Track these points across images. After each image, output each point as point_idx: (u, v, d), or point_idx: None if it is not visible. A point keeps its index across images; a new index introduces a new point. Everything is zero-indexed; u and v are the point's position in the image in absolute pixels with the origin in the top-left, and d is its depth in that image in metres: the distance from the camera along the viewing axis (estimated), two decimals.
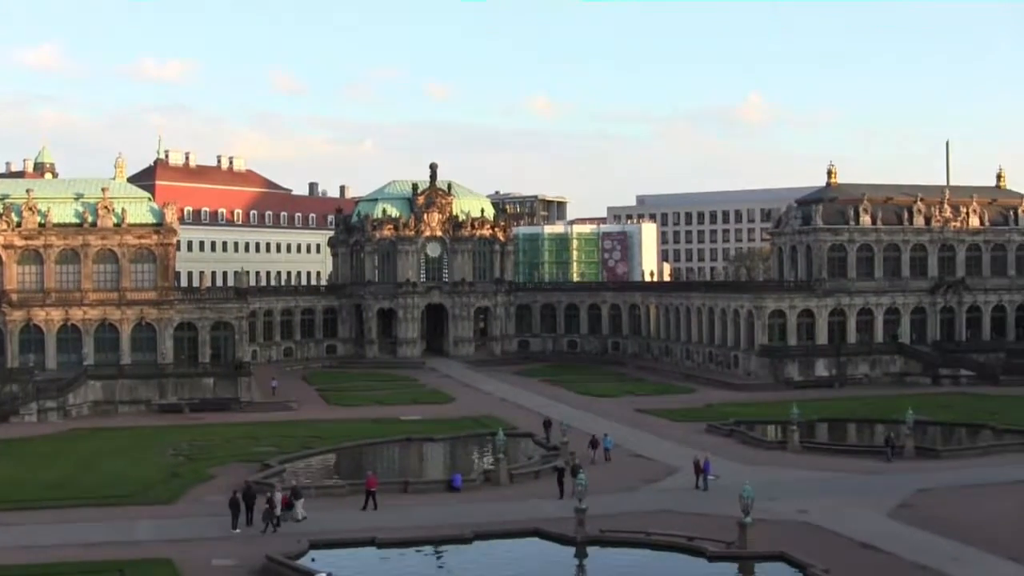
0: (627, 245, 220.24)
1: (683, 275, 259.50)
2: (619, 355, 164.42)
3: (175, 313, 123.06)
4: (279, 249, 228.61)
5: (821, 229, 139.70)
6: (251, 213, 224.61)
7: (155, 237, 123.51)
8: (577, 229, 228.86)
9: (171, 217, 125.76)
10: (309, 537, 58.27)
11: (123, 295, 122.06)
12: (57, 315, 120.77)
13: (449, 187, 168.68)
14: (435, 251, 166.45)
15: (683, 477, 75.00)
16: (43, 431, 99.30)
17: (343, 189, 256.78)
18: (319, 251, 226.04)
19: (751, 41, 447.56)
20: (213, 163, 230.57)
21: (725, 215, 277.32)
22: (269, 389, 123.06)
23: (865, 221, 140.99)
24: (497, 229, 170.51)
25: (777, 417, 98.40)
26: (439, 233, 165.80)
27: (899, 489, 70.94)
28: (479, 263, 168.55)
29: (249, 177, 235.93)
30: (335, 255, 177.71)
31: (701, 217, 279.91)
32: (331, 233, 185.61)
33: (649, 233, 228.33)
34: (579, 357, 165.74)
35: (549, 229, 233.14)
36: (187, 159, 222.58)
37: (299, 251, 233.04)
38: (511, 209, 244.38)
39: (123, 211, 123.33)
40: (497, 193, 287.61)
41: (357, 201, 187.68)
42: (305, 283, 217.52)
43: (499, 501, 68.97)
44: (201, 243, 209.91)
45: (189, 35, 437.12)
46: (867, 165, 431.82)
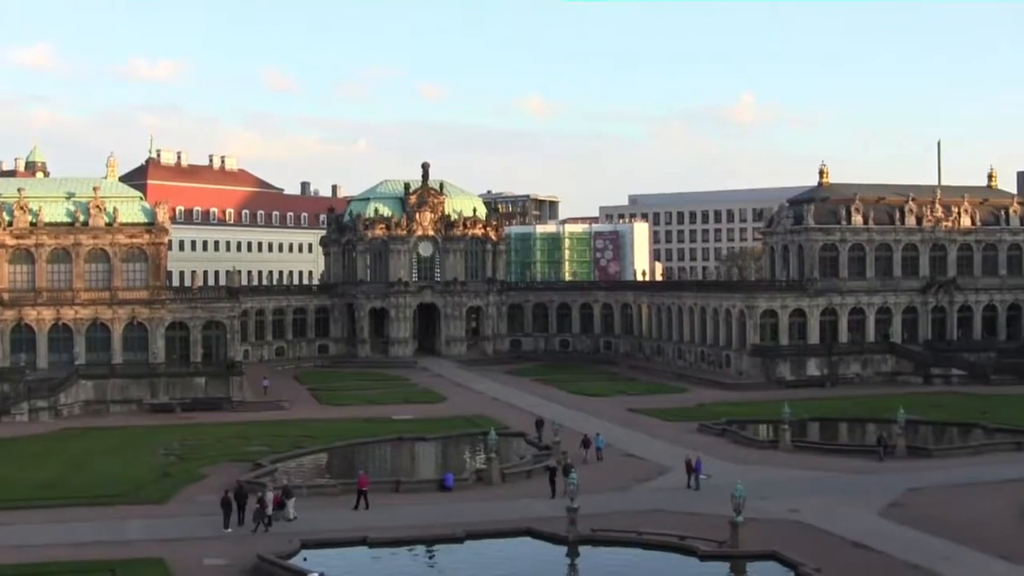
0: (619, 244, 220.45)
1: (675, 274, 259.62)
2: (611, 354, 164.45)
3: (167, 312, 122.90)
4: (271, 248, 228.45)
5: (813, 229, 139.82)
6: (243, 212, 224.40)
7: (147, 236, 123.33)
8: (569, 228, 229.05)
9: (163, 216, 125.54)
10: (301, 537, 58.21)
11: (115, 294, 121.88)
12: (48, 314, 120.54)
13: (441, 186, 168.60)
14: (427, 250, 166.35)
15: (675, 476, 75.08)
16: (34, 431, 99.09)
17: (335, 188, 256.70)
18: (311, 250, 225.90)
19: (744, 41, 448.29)
20: (205, 162, 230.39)
21: (717, 215, 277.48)
22: (261, 388, 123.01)
23: (857, 221, 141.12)
24: (489, 228, 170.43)
25: (769, 416, 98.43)
26: (431, 232, 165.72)
27: (890, 488, 71.03)
28: (471, 262, 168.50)
29: (241, 176, 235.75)
30: (327, 254, 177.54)
31: (693, 217, 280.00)
32: (323, 232, 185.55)
33: (641, 233, 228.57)
34: (571, 356, 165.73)
35: (541, 228, 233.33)
36: (179, 158, 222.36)
37: (291, 250, 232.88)
38: (503, 208, 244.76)
39: (115, 210, 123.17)
40: (489, 192, 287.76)
41: (349, 200, 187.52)
42: (297, 282, 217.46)
43: (491, 500, 68.95)
44: (193, 242, 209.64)
45: (182, 34, 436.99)
46: (859, 165, 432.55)
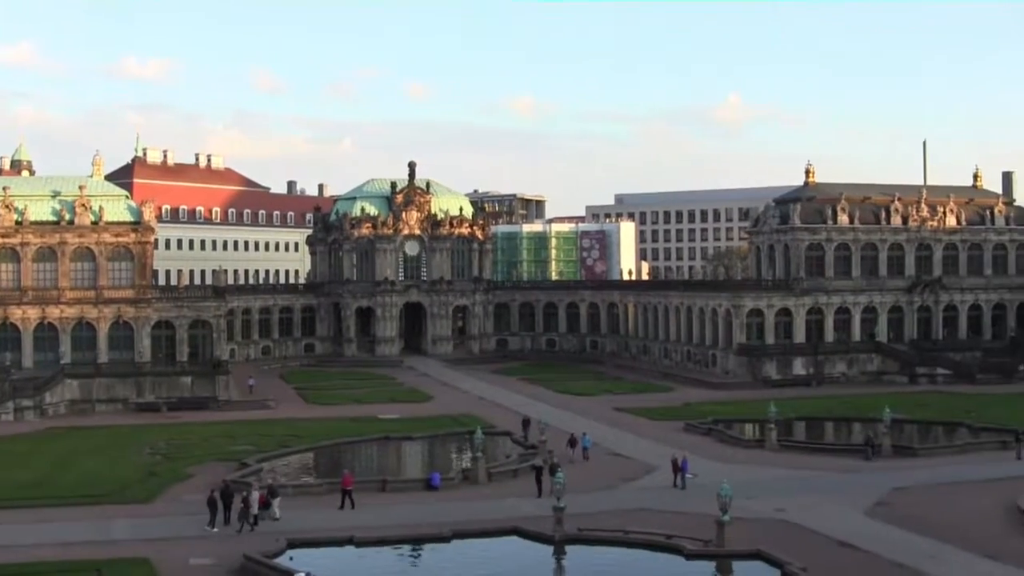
0: (605, 244, 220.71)
1: (661, 274, 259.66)
2: (597, 354, 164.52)
3: (153, 311, 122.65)
4: (257, 247, 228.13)
5: (799, 228, 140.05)
6: (229, 211, 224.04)
7: (133, 235, 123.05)
8: (556, 228, 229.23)
9: (149, 215, 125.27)
10: (287, 536, 58.14)
11: (100, 293, 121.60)
12: (34, 313, 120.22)
13: (428, 186, 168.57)
14: (413, 250, 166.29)
15: (661, 476, 75.14)
16: (19, 430, 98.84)
17: (322, 188, 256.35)
18: (297, 249, 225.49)
19: (730, 42, 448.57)
20: (191, 161, 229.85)
21: (703, 214, 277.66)
22: (247, 388, 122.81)
23: (843, 220, 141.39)
24: (476, 228, 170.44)
25: (755, 415, 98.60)
26: (417, 232, 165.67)
27: (876, 487, 71.18)
28: (457, 262, 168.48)
29: (227, 175, 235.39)
30: (313, 253, 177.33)
31: (679, 216, 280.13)
32: (309, 231, 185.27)
33: (627, 232, 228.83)
34: (557, 356, 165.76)
35: (528, 228, 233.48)
36: (165, 157, 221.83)
37: (277, 249, 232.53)
38: (490, 208, 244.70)
39: (100, 209, 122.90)
40: (476, 192, 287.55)
41: (335, 200, 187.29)
42: (283, 281, 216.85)
43: (477, 500, 68.96)
44: (179, 241, 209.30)
45: (169, 34, 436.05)
46: (845, 165, 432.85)
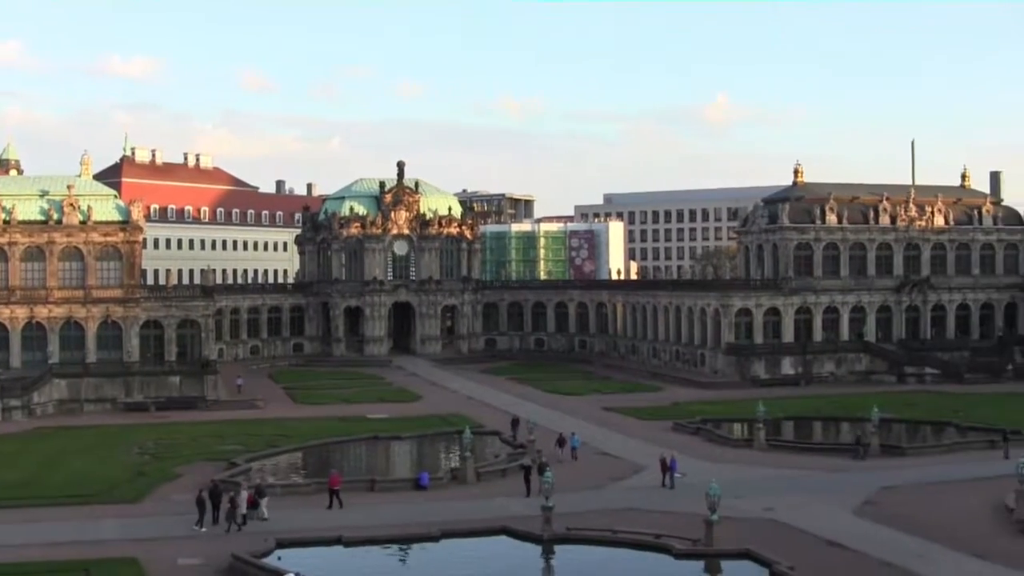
0: (594, 243, 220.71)
1: (650, 273, 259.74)
2: (586, 353, 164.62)
3: (141, 311, 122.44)
4: (246, 247, 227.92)
5: (787, 228, 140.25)
6: (218, 211, 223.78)
7: (121, 235, 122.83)
8: (544, 227, 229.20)
9: (137, 214, 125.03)
10: (276, 536, 58.05)
11: (89, 293, 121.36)
12: (22, 313, 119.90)
13: (416, 185, 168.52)
14: (402, 249, 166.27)
15: (650, 475, 75.15)
16: (7, 430, 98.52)
17: (310, 187, 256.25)
18: (286, 249, 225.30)
19: (719, 42, 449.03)
20: (180, 161, 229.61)
21: (692, 214, 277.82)
22: (235, 387, 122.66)
23: (831, 220, 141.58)
24: (464, 227, 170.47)
25: (743, 415, 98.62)
26: (406, 231, 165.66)
27: (864, 486, 71.28)
28: (446, 261, 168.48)
29: (216, 175, 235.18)
30: (302, 253, 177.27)
31: (668, 216, 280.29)
32: (298, 231, 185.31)
33: (616, 232, 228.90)
34: (546, 355, 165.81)
35: (516, 227, 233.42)
36: (153, 156, 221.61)
37: (266, 249, 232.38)
38: (478, 207, 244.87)
39: (89, 208, 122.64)
40: (464, 191, 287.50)
41: (324, 199, 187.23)
42: (272, 281, 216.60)
43: (466, 499, 68.95)
44: (167, 241, 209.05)
45: (157, 33, 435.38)
46: (833, 165, 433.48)
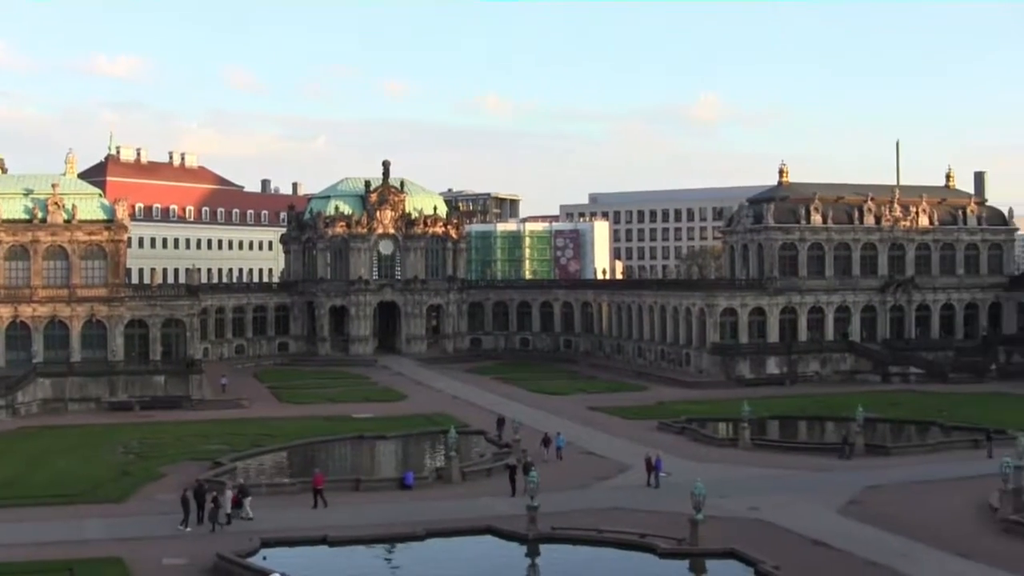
0: (579, 243, 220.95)
1: (635, 273, 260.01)
2: (571, 353, 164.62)
3: (126, 310, 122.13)
4: (231, 246, 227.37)
5: (772, 228, 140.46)
6: (203, 210, 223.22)
7: (106, 233, 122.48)
8: (530, 227, 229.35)
9: (122, 213, 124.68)
10: (260, 535, 58.05)
11: (73, 292, 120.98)
12: (6, 312, 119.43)
13: (402, 184, 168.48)
14: (387, 248, 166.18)
15: (635, 474, 75.25)
16: None
17: (296, 186, 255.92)
18: (271, 248, 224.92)
19: (705, 41, 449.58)
20: (165, 159, 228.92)
21: (677, 213, 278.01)
22: (219, 387, 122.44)
23: (816, 220, 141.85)
24: (450, 227, 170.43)
25: (728, 414, 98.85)
26: (391, 230, 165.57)
27: (849, 486, 71.46)
28: (431, 261, 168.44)
29: (201, 174, 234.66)
30: (287, 252, 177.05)
31: (653, 215, 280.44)
32: (283, 230, 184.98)
33: (601, 231, 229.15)
34: (531, 355, 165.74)
35: (502, 227, 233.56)
36: (138, 155, 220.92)
37: (251, 248, 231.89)
38: (464, 207, 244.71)
39: (73, 207, 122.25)
40: (450, 191, 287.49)
41: (309, 198, 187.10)
42: (257, 280, 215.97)
43: (451, 499, 68.96)
44: (152, 240, 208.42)
45: (143, 31, 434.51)
46: (818, 165, 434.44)
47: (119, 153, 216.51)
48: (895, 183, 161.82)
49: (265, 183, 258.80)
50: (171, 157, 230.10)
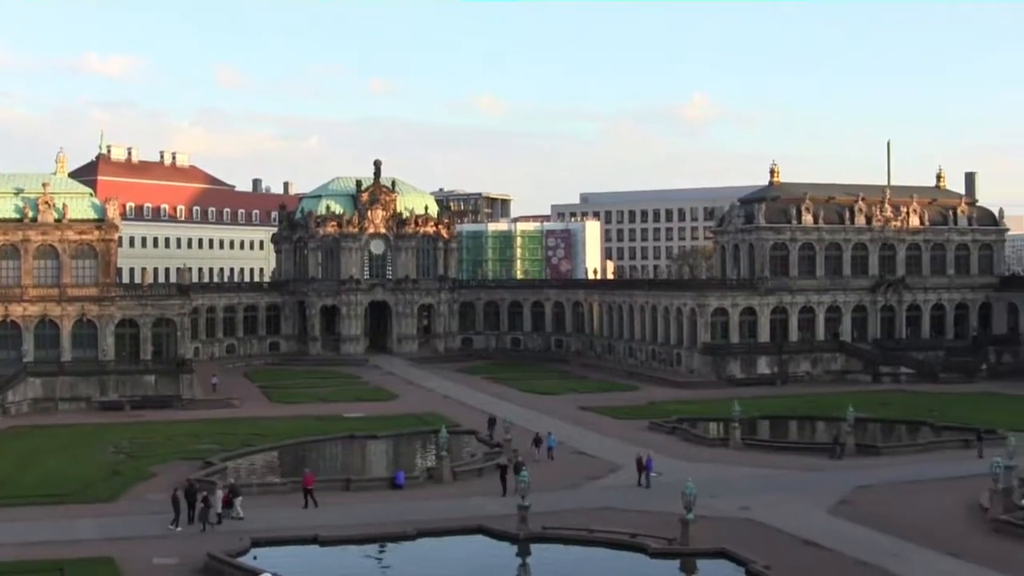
0: (571, 243, 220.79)
1: (626, 273, 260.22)
2: (562, 353, 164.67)
3: (116, 310, 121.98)
4: (222, 245, 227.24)
5: (763, 228, 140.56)
6: (194, 209, 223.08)
7: (96, 233, 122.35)
8: (521, 227, 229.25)
9: (113, 212, 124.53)
10: (251, 535, 57.93)
11: (64, 291, 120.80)
12: None
13: (393, 184, 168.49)
14: (379, 248, 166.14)
15: (626, 474, 75.19)
16: None
17: (287, 186, 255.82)
18: (262, 248, 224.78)
19: (696, 41, 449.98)
20: (156, 159, 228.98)
21: (668, 213, 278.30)
22: (210, 386, 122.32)
23: (807, 220, 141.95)
24: (441, 226, 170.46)
25: (719, 414, 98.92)
26: (383, 230, 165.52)
27: (839, 486, 71.51)
28: (423, 260, 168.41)
29: (192, 173, 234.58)
30: (278, 252, 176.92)
31: (644, 215, 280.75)
32: (274, 230, 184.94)
33: (593, 231, 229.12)
34: (522, 355, 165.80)
35: (493, 227, 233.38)
36: (129, 154, 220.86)
37: (242, 247, 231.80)
38: (455, 206, 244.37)
39: (64, 206, 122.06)
40: (441, 190, 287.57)
41: (301, 198, 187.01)
42: (248, 280, 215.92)
43: (442, 498, 68.90)
44: (143, 239, 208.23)
45: (135, 30, 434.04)
46: (809, 165, 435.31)
47: (110, 152, 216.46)
48: (886, 183, 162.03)
49: (256, 182, 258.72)
50: (162, 156, 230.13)
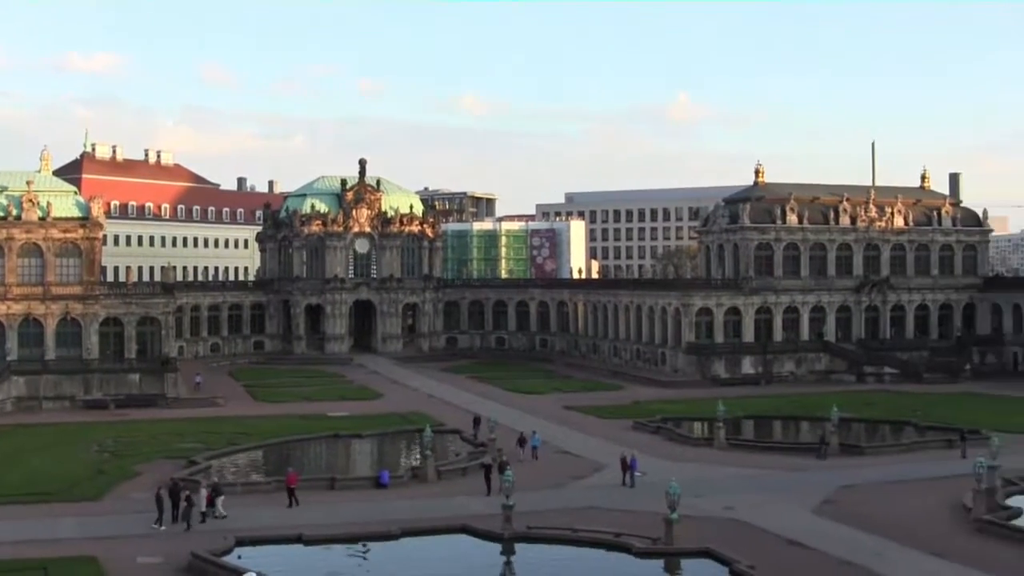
0: (556, 242, 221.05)
1: (611, 272, 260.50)
2: (547, 352, 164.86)
3: (101, 308, 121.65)
4: (207, 244, 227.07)
5: (748, 228, 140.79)
6: (179, 207, 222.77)
7: (81, 231, 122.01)
8: (506, 226, 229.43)
9: (97, 211, 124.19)
10: (235, 534, 57.90)
11: (48, 289, 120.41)
12: None
13: (378, 183, 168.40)
14: (363, 247, 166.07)
15: (610, 474, 75.29)
16: None
17: (272, 184, 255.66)
18: (247, 246, 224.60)
19: (681, 41, 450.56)
20: (140, 157, 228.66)
21: (653, 213, 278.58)
22: (193, 385, 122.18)
23: (791, 220, 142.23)
24: (426, 225, 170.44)
25: (703, 414, 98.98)
26: (368, 229, 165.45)
27: (823, 485, 71.67)
28: (407, 259, 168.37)
29: (177, 171, 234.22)
30: (263, 250, 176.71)
31: (629, 215, 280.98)
32: (259, 228, 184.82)
33: (577, 231, 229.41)
34: (507, 354, 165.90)
35: (478, 226, 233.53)
36: (114, 152, 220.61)
37: (227, 246, 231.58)
38: (440, 206, 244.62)
39: (48, 204, 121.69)
40: (426, 189, 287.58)
41: (286, 196, 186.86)
42: (233, 278, 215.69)
43: (426, 498, 68.88)
44: (128, 237, 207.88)
45: (119, 28, 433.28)
46: (794, 165, 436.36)
47: (94, 150, 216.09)
48: (871, 184, 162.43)
49: (241, 181, 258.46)
50: (147, 155, 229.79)
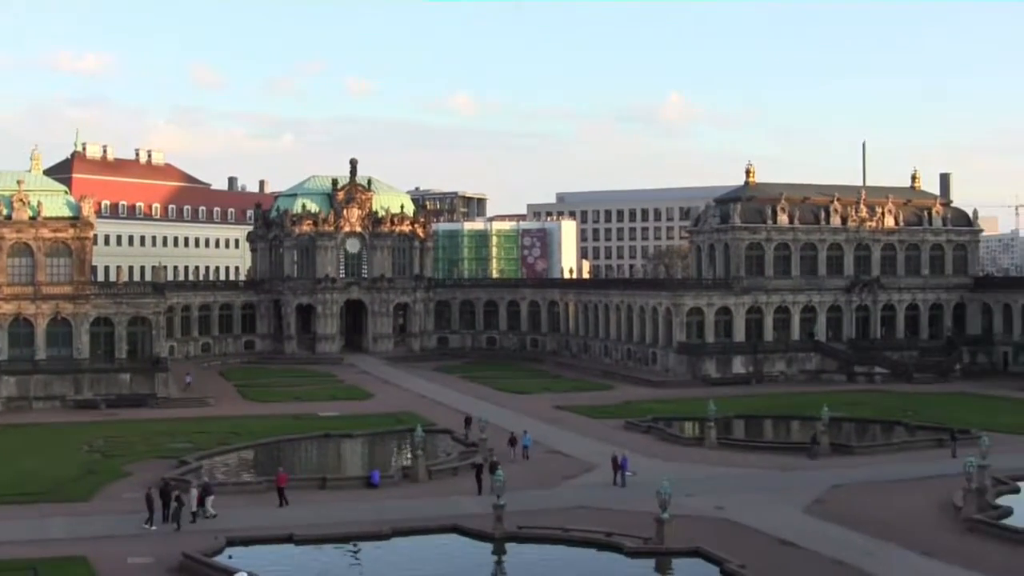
0: (547, 242, 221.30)
1: (602, 272, 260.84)
2: (538, 352, 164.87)
3: (91, 308, 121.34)
4: (197, 244, 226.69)
5: (739, 228, 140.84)
6: (169, 207, 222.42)
7: (71, 231, 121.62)
8: (497, 226, 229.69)
9: (88, 210, 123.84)
10: (226, 534, 57.86)
11: (38, 289, 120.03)
12: None
13: (369, 183, 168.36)
14: (354, 247, 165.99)
15: (601, 473, 75.30)
16: None
17: (262, 184, 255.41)
18: (238, 246, 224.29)
19: (672, 41, 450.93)
20: (131, 156, 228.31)
21: (644, 213, 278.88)
22: (183, 384, 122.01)
23: (782, 220, 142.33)
24: (417, 225, 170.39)
25: (694, 414, 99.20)
26: (358, 229, 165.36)
27: (814, 485, 71.78)
28: (398, 259, 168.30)
29: (168, 171, 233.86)
30: (254, 250, 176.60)
31: (620, 215, 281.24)
32: (250, 228, 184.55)
33: (568, 230, 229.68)
34: (498, 354, 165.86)
35: (469, 226, 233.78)
36: (105, 152, 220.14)
37: (218, 246, 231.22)
38: (431, 205, 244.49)
39: (39, 204, 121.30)
40: (417, 189, 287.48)
41: (276, 196, 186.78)
42: (223, 278, 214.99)
43: (417, 498, 68.90)
44: (118, 237, 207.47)
45: (109, 28, 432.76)
46: (785, 165, 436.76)
47: (85, 150, 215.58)
48: (861, 184, 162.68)
49: (232, 181, 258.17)
50: (137, 154, 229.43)
